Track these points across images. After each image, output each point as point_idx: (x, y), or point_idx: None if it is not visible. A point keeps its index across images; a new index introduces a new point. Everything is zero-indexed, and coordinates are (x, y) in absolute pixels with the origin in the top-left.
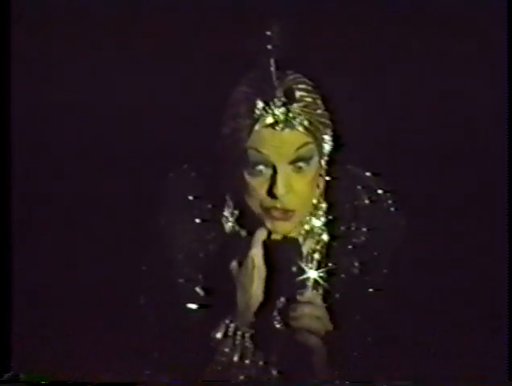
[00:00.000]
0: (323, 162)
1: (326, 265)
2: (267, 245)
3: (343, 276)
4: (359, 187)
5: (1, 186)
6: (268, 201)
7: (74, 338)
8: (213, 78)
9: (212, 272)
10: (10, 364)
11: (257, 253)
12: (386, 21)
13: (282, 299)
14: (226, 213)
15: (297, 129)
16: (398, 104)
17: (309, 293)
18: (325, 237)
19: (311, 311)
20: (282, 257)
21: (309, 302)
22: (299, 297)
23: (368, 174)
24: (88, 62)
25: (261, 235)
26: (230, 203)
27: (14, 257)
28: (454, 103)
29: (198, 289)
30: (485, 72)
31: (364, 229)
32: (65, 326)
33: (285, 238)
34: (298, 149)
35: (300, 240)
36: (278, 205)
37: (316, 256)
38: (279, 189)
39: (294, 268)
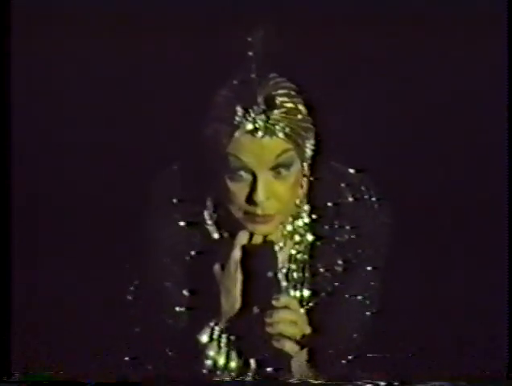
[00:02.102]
0: (305, 165)
1: (310, 266)
2: (248, 249)
3: (327, 275)
4: (342, 185)
5: (1, 186)
6: (248, 207)
7: (74, 338)
8: (199, 80)
9: (198, 274)
10: (10, 364)
11: (238, 256)
12: (371, 23)
13: (260, 305)
14: (206, 215)
15: (277, 136)
16: (384, 101)
17: (285, 299)
18: (309, 237)
19: (286, 317)
20: (261, 262)
21: (285, 307)
22: (274, 303)
23: (351, 170)
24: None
25: (242, 238)
26: (210, 205)
27: (14, 257)
28: (442, 98)
29: (185, 292)
30: (474, 66)
31: (347, 227)
32: (65, 326)
33: (265, 242)
34: (278, 156)
35: (281, 243)
36: (259, 211)
37: (299, 256)
38: (259, 196)
39: (270, 274)
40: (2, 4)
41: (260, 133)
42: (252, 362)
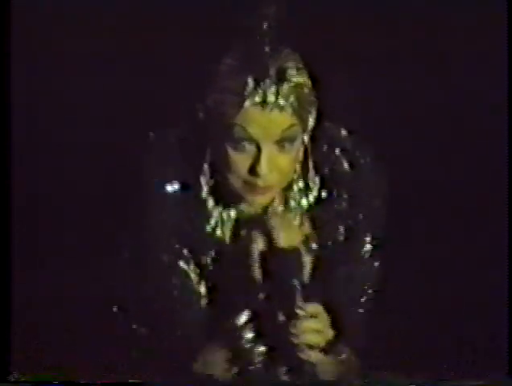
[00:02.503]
0: (306, 137)
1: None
2: (271, 254)
3: (329, 244)
4: (337, 152)
5: (1, 186)
6: (249, 178)
7: (74, 338)
8: (205, 47)
9: (199, 247)
10: (10, 364)
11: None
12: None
13: (285, 311)
14: (202, 182)
15: (285, 110)
16: (385, 76)
17: (310, 307)
18: (304, 202)
19: (312, 326)
20: (286, 268)
21: (310, 316)
22: (299, 312)
23: (344, 132)
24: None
25: (260, 243)
26: (207, 171)
27: (14, 257)
28: (444, 71)
29: (182, 264)
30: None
31: (345, 195)
32: (65, 326)
33: (286, 249)
34: (284, 130)
35: (280, 210)
36: (260, 183)
37: (296, 222)
38: (263, 168)
39: (295, 281)
40: (2, 4)
41: (269, 106)
42: (281, 369)
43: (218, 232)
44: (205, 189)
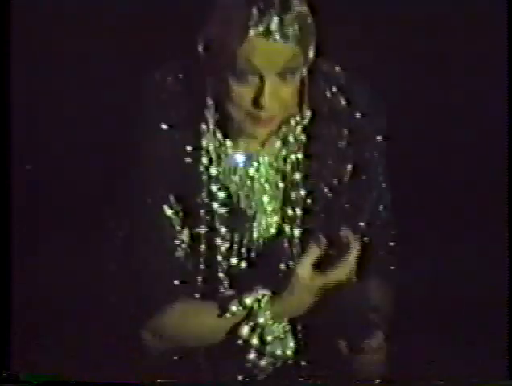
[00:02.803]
0: (305, 70)
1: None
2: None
3: (333, 181)
4: (334, 89)
5: (1, 186)
6: (252, 110)
7: (74, 338)
8: None
9: (188, 193)
10: (10, 364)
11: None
12: None
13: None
14: (207, 115)
15: (289, 41)
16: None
17: (376, 342)
18: (303, 137)
19: (382, 360)
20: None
21: (379, 350)
22: (366, 349)
23: (337, 69)
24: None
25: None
26: (211, 105)
27: (14, 257)
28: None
29: (167, 210)
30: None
31: (345, 131)
32: (65, 326)
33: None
34: (287, 61)
35: (278, 144)
36: (262, 114)
37: (293, 156)
38: (266, 100)
39: (372, 315)
40: (2, 4)
41: (273, 37)
42: None
43: (212, 170)
44: (211, 123)
